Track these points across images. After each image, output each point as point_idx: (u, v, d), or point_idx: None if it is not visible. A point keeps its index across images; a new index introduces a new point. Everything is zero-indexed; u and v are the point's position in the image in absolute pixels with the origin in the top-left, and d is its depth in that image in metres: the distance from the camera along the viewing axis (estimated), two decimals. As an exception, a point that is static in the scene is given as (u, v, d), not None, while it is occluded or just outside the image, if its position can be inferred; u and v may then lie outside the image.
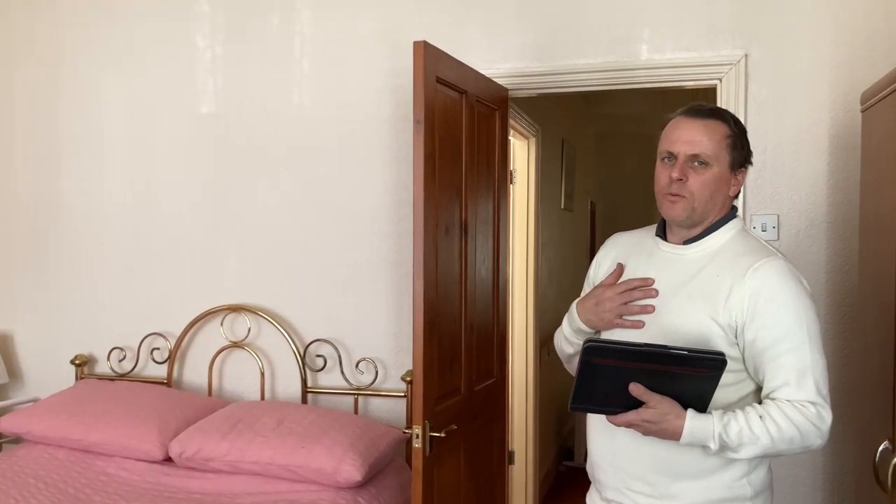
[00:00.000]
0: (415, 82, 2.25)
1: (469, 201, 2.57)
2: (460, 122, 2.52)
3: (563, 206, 5.09)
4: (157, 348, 3.29)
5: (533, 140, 4.02)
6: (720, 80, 2.74)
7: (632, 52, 2.81)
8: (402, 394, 2.98)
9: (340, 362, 3.07)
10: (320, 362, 3.09)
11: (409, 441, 2.95)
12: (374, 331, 3.06)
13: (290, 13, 3.15)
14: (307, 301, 3.14)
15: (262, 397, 3.16)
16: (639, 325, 1.68)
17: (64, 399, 3.03)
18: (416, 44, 2.25)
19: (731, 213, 1.72)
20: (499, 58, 2.91)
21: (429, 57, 2.27)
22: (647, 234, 1.82)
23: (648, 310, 1.67)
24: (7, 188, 3.51)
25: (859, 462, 2.11)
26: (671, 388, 1.54)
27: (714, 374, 1.52)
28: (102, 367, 3.38)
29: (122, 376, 3.31)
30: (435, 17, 2.97)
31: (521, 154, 4.01)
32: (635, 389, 1.54)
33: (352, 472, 2.52)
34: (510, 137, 3.23)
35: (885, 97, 1.89)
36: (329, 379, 3.10)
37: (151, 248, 3.32)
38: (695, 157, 1.63)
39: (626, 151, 6.74)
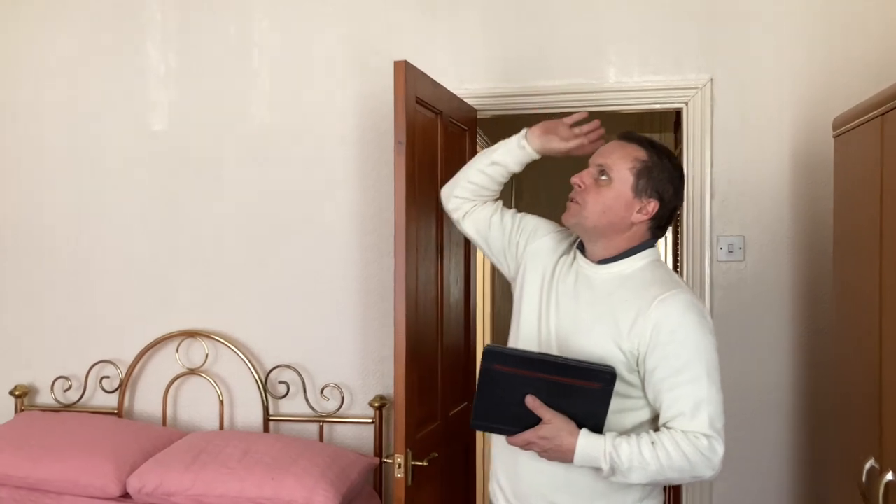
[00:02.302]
0: (396, 102, 2.20)
1: (444, 222, 2.53)
2: (436, 143, 2.48)
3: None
4: (107, 376, 3.11)
5: (489, 159, 4.00)
6: (686, 103, 2.79)
7: (599, 74, 2.83)
8: (370, 420, 2.90)
9: (304, 388, 2.96)
10: (283, 389, 2.97)
11: (378, 469, 2.88)
12: (339, 355, 2.97)
13: (248, 23, 3.03)
14: (268, 325, 3.03)
15: (222, 427, 3.02)
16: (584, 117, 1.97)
17: (6, 433, 2.83)
18: (396, 63, 2.20)
19: (648, 243, 1.76)
20: (467, 78, 2.89)
21: (409, 77, 2.22)
22: (571, 242, 1.88)
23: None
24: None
25: (839, 481, 2.14)
26: (567, 405, 1.61)
27: (605, 388, 1.58)
28: (45, 398, 3.17)
29: (67, 407, 3.12)
30: (402, 36, 2.93)
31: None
32: (531, 402, 1.61)
33: (324, 503, 2.43)
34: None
35: (862, 124, 1.94)
36: (292, 406, 2.99)
37: (99, 270, 3.14)
38: (599, 167, 1.72)
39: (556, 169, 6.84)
